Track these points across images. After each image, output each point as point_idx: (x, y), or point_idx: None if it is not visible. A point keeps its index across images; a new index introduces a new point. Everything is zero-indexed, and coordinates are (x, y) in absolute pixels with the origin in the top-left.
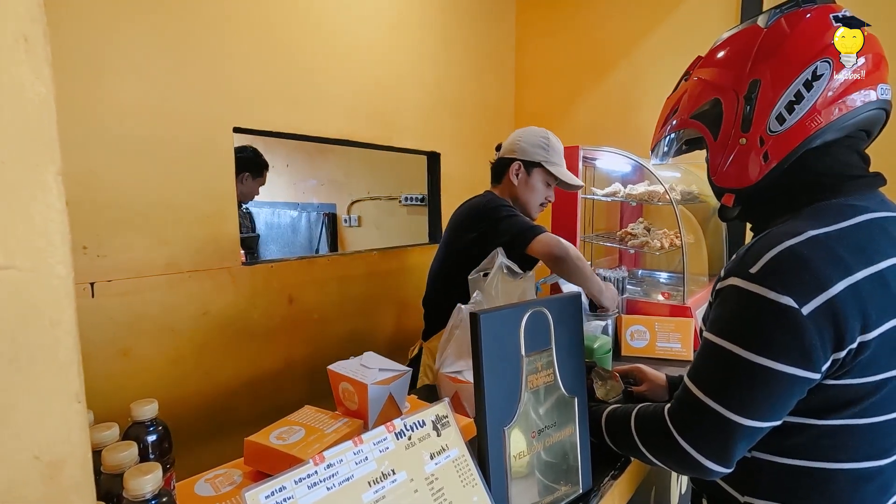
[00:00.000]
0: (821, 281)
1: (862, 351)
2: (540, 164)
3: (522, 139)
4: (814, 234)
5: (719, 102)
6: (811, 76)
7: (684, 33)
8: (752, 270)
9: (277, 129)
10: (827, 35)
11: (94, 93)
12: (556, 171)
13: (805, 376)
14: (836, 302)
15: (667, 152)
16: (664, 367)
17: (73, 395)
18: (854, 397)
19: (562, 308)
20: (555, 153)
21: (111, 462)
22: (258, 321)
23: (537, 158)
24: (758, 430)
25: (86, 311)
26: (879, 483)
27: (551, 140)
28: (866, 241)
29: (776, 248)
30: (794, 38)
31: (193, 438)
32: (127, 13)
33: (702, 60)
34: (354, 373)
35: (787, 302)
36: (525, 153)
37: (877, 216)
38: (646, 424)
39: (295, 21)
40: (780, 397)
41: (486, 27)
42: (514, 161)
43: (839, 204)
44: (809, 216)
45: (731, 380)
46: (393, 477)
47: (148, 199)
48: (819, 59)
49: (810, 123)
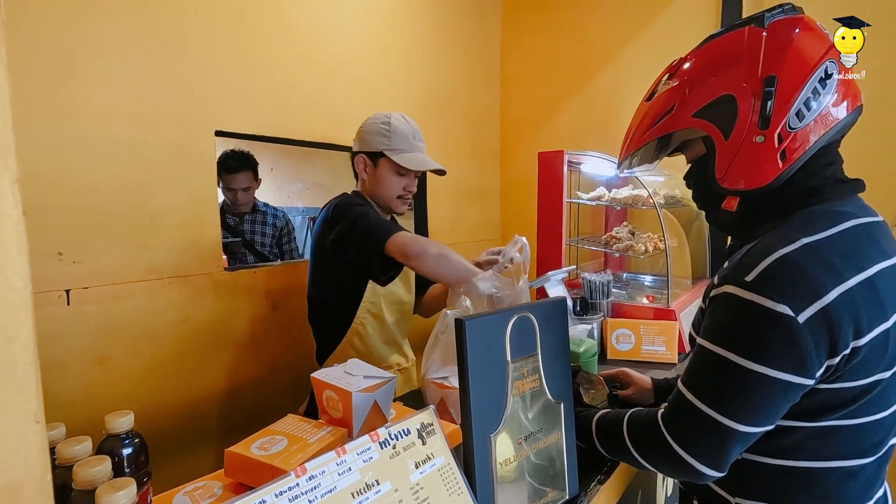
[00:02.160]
0: (815, 289)
1: (854, 356)
2: (383, 154)
3: (363, 128)
4: (807, 242)
5: (733, 99)
6: (824, 74)
7: (666, 39)
8: (747, 278)
9: (261, 133)
10: (829, 37)
11: (68, 94)
12: (398, 159)
13: (800, 382)
14: (830, 309)
15: (650, 158)
16: (649, 370)
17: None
18: (844, 400)
19: (547, 313)
20: (399, 138)
21: (82, 478)
22: (241, 328)
23: (379, 147)
24: (751, 435)
25: (61, 320)
26: (863, 480)
27: (394, 124)
28: (855, 248)
29: (771, 256)
30: (804, 38)
31: (173, 450)
32: (103, 15)
33: (692, 61)
34: (338, 380)
35: (782, 310)
36: (366, 144)
37: (861, 222)
38: (639, 429)
39: (279, 24)
40: (774, 403)
41: (472, 32)
42: (358, 154)
43: (827, 210)
44: (800, 223)
45: (726, 386)
46: (377, 488)
47: (126, 204)
48: (828, 59)
49: (826, 121)
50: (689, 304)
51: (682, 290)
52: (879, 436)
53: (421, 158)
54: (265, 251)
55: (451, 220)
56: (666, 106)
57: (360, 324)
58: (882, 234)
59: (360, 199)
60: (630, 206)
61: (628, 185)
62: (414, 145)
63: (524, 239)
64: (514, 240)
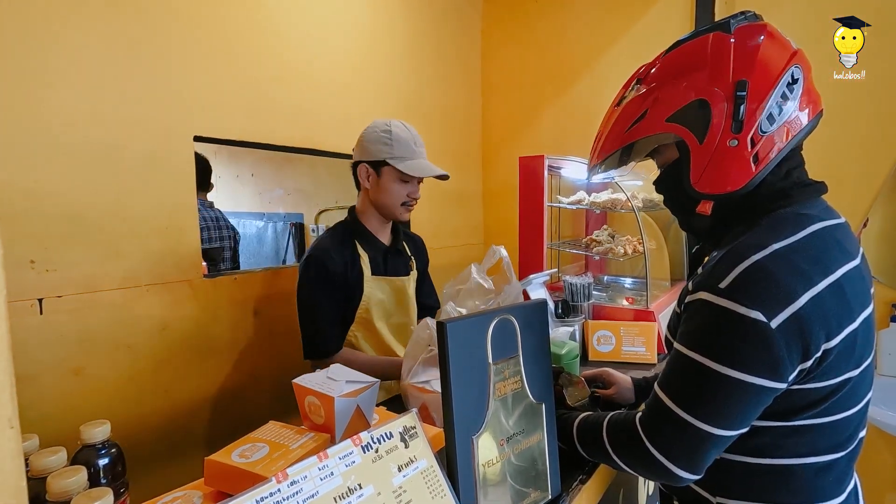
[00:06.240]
0: (787, 294)
1: (825, 358)
2: (387, 162)
3: (364, 137)
4: (776, 248)
5: (706, 104)
6: (791, 79)
7: (641, 48)
8: (721, 285)
9: (241, 138)
10: (792, 44)
11: (40, 98)
12: (402, 167)
13: (773, 387)
14: (801, 314)
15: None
16: (630, 370)
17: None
18: (816, 399)
19: (528, 315)
20: (401, 145)
21: (56, 489)
22: (221, 335)
23: (382, 156)
24: (727, 439)
25: (33, 329)
26: (837, 473)
27: (394, 131)
28: (821, 251)
29: (743, 262)
30: (770, 43)
31: (152, 460)
32: (76, 18)
33: (661, 66)
34: (321, 386)
35: (755, 316)
36: (368, 153)
37: (826, 225)
38: (617, 432)
39: (258, 29)
40: (748, 407)
41: (453, 39)
42: (360, 164)
43: (793, 213)
44: (768, 228)
45: (701, 391)
46: (360, 492)
47: (101, 211)
48: (793, 65)
49: (794, 124)
50: (668, 306)
51: (661, 291)
52: (850, 430)
53: (424, 164)
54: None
55: (435, 225)
56: (638, 111)
57: (354, 336)
58: (844, 236)
59: (309, 276)
60: (609, 210)
61: (607, 189)
62: (415, 151)
63: (502, 249)
64: (492, 250)
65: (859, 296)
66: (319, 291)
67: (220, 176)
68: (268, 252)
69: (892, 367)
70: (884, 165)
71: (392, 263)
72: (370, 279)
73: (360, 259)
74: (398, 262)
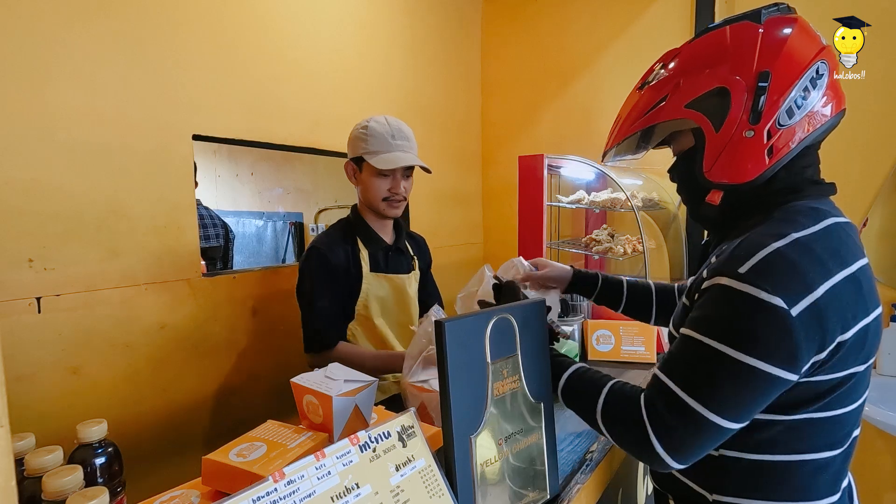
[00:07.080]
0: (807, 283)
1: (838, 350)
2: (363, 158)
3: (350, 135)
4: (797, 237)
5: (726, 92)
6: (815, 73)
7: (641, 47)
8: (741, 270)
9: (241, 137)
10: (822, 39)
11: (39, 97)
12: (374, 161)
13: (786, 378)
14: (820, 304)
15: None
16: (629, 369)
17: None
18: (820, 392)
19: (526, 314)
20: (376, 140)
21: (52, 488)
22: (220, 334)
23: (359, 152)
24: (728, 432)
25: (31, 328)
26: (832, 471)
27: (371, 126)
28: (839, 244)
29: (764, 249)
30: (798, 36)
31: (150, 459)
32: (76, 17)
33: (687, 52)
34: (319, 385)
35: (777, 302)
36: (351, 150)
37: (839, 220)
38: (617, 403)
39: (258, 28)
40: (758, 398)
41: (453, 38)
42: (347, 162)
43: (806, 206)
44: (783, 219)
45: (713, 379)
46: (357, 491)
47: (100, 209)
48: (819, 60)
49: (813, 120)
50: None
51: None
52: (847, 428)
53: (395, 157)
54: None
55: (434, 224)
56: (658, 95)
57: (352, 334)
58: (855, 234)
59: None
60: (609, 209)
61: (607, 189)
62: (392, 145)
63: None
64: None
65: (873, 292)
66: (320, 283)
67: (219, 175)
68: (267, 251)
69: (892, 367)
70: (884, 165)
71: (393, 261)
72: (369, 275)
73: (360, 255)
74: (399, 260)
